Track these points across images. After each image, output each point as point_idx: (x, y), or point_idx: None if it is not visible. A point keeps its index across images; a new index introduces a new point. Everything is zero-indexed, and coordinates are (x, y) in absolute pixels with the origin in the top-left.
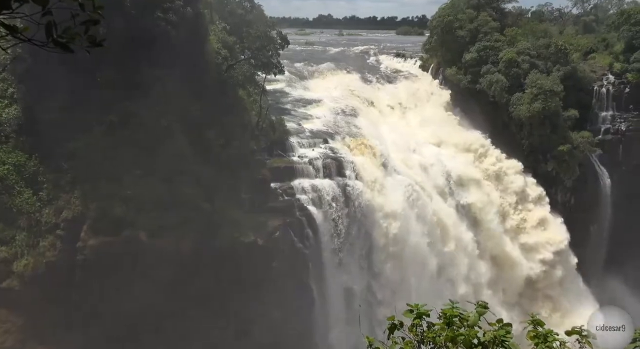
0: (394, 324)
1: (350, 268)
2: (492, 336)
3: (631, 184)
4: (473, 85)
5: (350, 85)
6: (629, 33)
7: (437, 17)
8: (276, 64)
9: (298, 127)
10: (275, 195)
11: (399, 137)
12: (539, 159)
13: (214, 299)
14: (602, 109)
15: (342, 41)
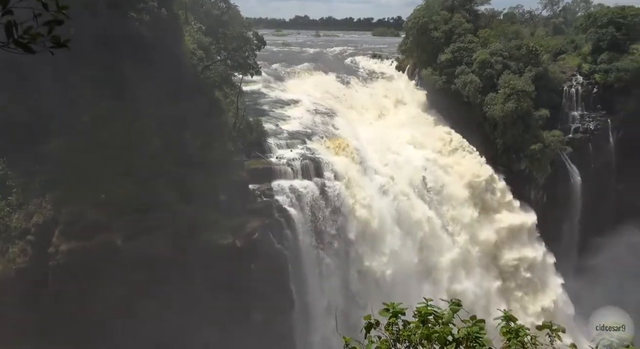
0: (371, 324)
1: (330, 267)
2: (466, 333)
3: (600, 181)
4: (448, 86)
5: (328, 86)
6: (596, 35)
7: (412, 19)
8: (253, 65)
9: (276, 128)
10: (254, 196)
11: (377, 138)
12: (513, 158)
13: (192, 303)
14: (571, 109)
15: (319, 42)
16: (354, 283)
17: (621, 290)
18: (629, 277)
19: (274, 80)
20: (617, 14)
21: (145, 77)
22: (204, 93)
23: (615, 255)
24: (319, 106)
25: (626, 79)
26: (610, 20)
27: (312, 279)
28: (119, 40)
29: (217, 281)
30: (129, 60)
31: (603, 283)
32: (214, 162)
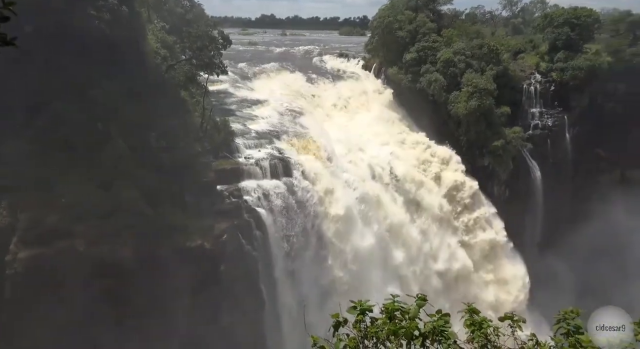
0: (339, 322)
1: (300, 267)
2: (432, 327)
3: (558, 176)
4: (414, 85)
5: (295, 85)
6: (552, 35)
7: (378, 18)
8: (219, 64)
9: (243, 128)
10: (222, 197)
11: (345, 136)
12: (476, 154)
13: (159, 308)
14: (531, 106)
15: (285, 41)
16: (326, 281)
17: (581, 279)
18: (588, 266)
19: (240, 79)
20: (571, 15)
21: (106, 77)
22: (169, 93)
23: (575, 246)
24: (287, 105)
25: (580, 77)
26: (565, 20)
27: (282, 279)
28: (77, 38)
29: (186, 284)
30: (88, 60)
31: (563, 272)
32: (180, 163)
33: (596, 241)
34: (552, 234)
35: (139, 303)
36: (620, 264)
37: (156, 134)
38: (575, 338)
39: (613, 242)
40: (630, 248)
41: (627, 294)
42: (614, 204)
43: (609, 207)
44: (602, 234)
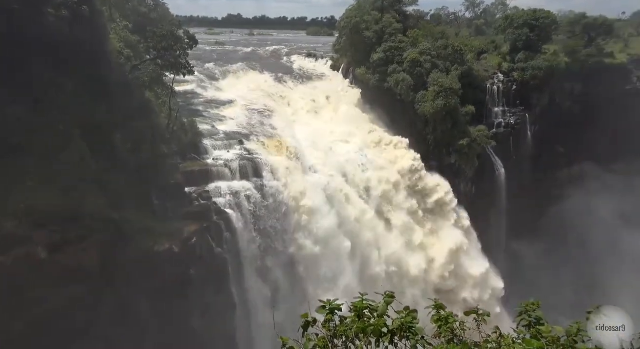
0: (308, 322)
1: (271, 268)
2: (400, 324)
3: (521, 172)
4: (381, 84)
5: (264, 85)
6: (513, 36)
7: (345, 19)
8: (185, 65)
9: (212, 129)
10: (191, 200)
11: (314, 136)
12: (443, 153)
13: (128, 314)
14: (494, 105)
15: (253, 41)
16: (298, 282)
17: (544, 271)
18: (551, 258)
19: (208, 80)
20: (530, 17)
21: (67, 77)
22: (134, 94)
23: (537, 238)
24: (256, 106)
25: (540, 77)
26: (525, 22)
27: (253, 281)
28: (34, 38)
29: (155, 288)
30: (47, 59)
31: (529, 264)
32: (147, 165)
33: (557, 233)
34: (516, 228)
35: (106, 310)
36: (581, 252)
37: (121, 136)
38: (537, 329)
39: (573, 234)
40: (589, 239)
41: (590, 280)
42: (573, 198)
43: (568, 200)
44: (563, 226)
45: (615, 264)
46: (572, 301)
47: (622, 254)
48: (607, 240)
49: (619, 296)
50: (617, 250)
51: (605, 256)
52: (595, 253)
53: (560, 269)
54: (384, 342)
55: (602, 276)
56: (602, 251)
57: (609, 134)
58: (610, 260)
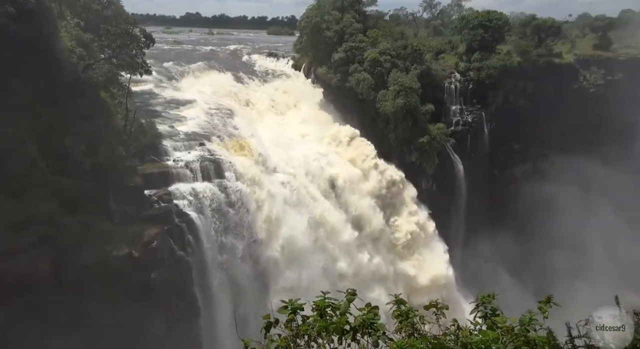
0: (270, 322)
1: (236, 270)
2: (362, 321)
3: (478, 168)
4: (343, 84)
5: (225, 85)
6: (468, 36)
7: (305, 18)
8: (142, 64)
9: (171, 130)
10: (150, 202)
11: (277, 136)
12: (404, 151)
13: (85, 323)
14: (452, 104)
15: (212, 40)
16: (263, 283)
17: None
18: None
19: (166, 79)
20: (484, 18)
21: (14, 77)
22: (87, 94)
23: (495, 231)
24: (217, 106)
25: (495, 75)
26: (479, 23)
27: (218, 284)
28: None
29: (114, 295)
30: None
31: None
32: (102, 168)
33: (514, 226)
34: (475, 222)
35: (62, 318)
36: (538, 244)
37: (74, 138)
38: (492, 319)
39: (529, 227)
40: (544, 231)
41: (547, 270)
42: (527, 192)
43: (523, 195)
44: (519, 220)
45: (570, 254)
46: (531, 291)
47: (576, 244)
48: (561, 231)
49: (574, 282)
50: (570, 240)
51: (561, 247)
52: (551, 244)
53: (518, 260)
54: (346, 339)
55: (558, 265)
56: (557, 242)
57: (559, 130)
58: (566, 250)
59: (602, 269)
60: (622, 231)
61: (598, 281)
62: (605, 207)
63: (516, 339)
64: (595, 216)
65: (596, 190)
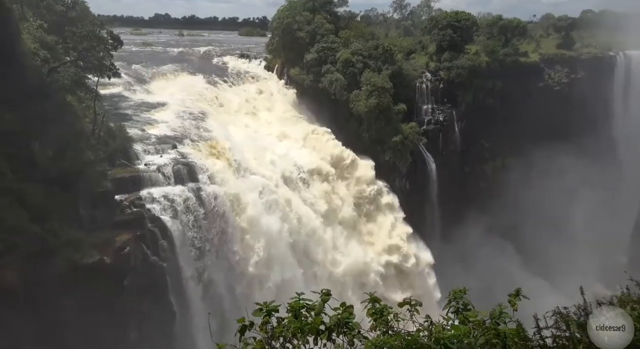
0: (245, 326)
1: (212, 274)
2: (337, 320)
3: (450, 166)
4: (316, 84)
5: (196, 87)
6: (438, 36)
7: (277, 19)
8: (109, 66)
9: (142, 133)
10: (122, 208)
11: (250, 138)
12: (378, 150)
13: (55, 333)
14: (424, 103)
15: (183, 42)
16: (239, 286)
17: (476, 258)
18: (481, 246)
19: (136, 82)
20: (453, 18)
21: None
22: (53, 98)
23: (468, 228)
24: (189, 108)
25: (464, 75)
26: (448, 23)
27: (193, 289)
28: None
29: (85, 303)
30: None
31: (462, 253)
32: (71, 173)
33: (485, 223)
34: (448, 219)
35: (33, 330)
36: (509, 240)
37: (40, 143)
38: (464, 314)
39: (500, 223)
40: (515, 226)
41: (519, 264)
42: (498, 189)
43: (494, 191)
44: (490, 216)
45: (540, 249)
46: (503, 285)
47: (545, 239)
48: (531, 227)
49: (548, 275)
50: (541, 235)
51: (531, 242)
52: (522, 239)
53: (491, 256)
54: (321, 339)
55: (530, 259)
56: (528, 238)
57: (526, 127)
58: (536, 244)
59: (572, 257)
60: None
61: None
62: (571, 197)
63: (487, 333)
64: (563, 205)
65: (562, 182)
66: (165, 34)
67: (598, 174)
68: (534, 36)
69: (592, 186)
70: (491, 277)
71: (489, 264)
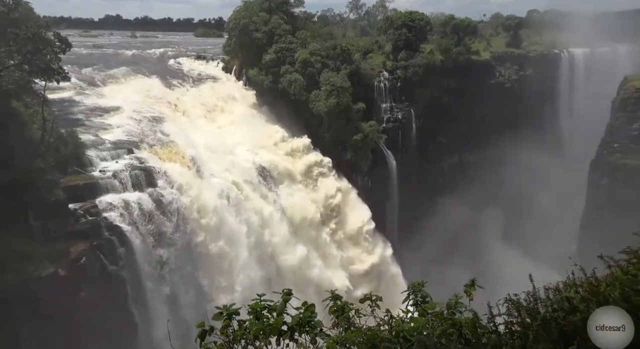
0: (205, 330)
1: (174, 281)
2: (299, 319)
3: (408, 163)
4: (275, 85)
5: (152, 90)
6: (394, 36)
7: (233, 20)
8: (58, 70)
9: (96, 139)
10: (76, 217)
11: (210, 141)
12: (339, 149)
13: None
14: (382, 102)
15: (136, 43)
16: (203, 292)
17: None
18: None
19: (87, 86)
20: (408, 18)
21: None
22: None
23: (427, 223)
24: (145, 112)
25: (420, 73)
26: (403, 23)
27: (155, 298)
28: None
29: (38, 318)
30: None
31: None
32: (19, 183)
33: (445, 218)
34: (408, 215)
35: None
36: (468, 234)
37: None
38: (422, 306)
39: (458, 218)
40: (472, 221)
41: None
42: (455, 184)
43: (450, 187)
44: (449, 212)
45: (494, 243)
46: (462, 277)
47: (499, 231)
48: (485, 220)
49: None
50: (495, 227)
51: (485, 233)
52: (480, 235)
53: (449, 251)
54: (284, 340)
55: (485, 255)
56: (484, 231)
57: (481, 123)
58: (491, 238)
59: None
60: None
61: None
62: (523, 191)
63: (444, 323)
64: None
65: (513, 176)
66: (117, 35)
67: (547, 167)
68: (484, 35)
69: (541, 180)
70: (448, 267)
71: (447, 255)
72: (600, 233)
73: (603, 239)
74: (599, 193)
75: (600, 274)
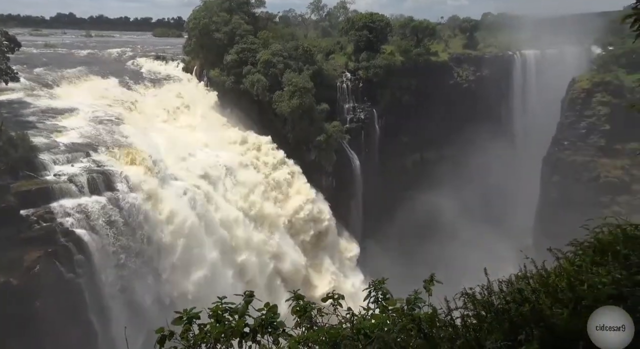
0: (164, 336)
1: (136, 287)
2: (261, 321)
3: (371, 162)
4: (237, 86)
5: (109, 91)
6: (355, 37)
7: (193, 19)
8: (6, 70)
9: (49, 142)
10: (29, 223)
11: (171, 143)
12: (303, 150)
13: None
14: (345, 102)
15: (91, 43)
16: (166, 297)
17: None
18: (404, 238)
19: (39, 87)
20: (368, 20)
21: None
22: None
23: (391, 221)
24: (102, 114)
25: (381, 74)
26: (364, 24)
27: (116, 304)
28: None
29: None
30: None
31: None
32: None
33: (407, 215)
34: (372, 213)
35: None
36: (429, 232)
37: None
38: (383, 303)
39: (420, 215)
40: (434, 217)
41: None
42: (417, 182)
43: (413, 185)
44: (412, 210)
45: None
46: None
47: (458, 225)
48: (449, 215)
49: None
50: (456, 226)
51: (451, 227)
52: (440, 231)
53: (412, 248)
54: (246, 342)
55: (446, 250)
56: (445, 227)
57: (440, 122)
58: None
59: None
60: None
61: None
62: (481, 186)
63: (404, 319)
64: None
65: (472, 172)
66: (71, 34)
67: (503, 164)
68: (442, 37)
69: (498, 176)
70: (413, 263)
71: (411, 252)
72: (554, 226)
73: (557, 233)
74: (551, 188)
75: (550, 266)
